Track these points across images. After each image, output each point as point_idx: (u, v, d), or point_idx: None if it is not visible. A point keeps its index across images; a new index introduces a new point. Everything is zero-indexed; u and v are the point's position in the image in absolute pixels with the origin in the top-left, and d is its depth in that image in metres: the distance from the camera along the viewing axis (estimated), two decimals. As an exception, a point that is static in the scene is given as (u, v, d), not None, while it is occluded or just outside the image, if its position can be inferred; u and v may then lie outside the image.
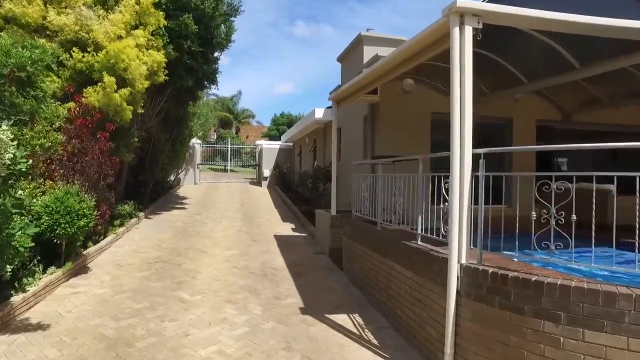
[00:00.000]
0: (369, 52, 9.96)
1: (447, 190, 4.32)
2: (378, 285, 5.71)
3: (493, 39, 5.48)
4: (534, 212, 3.70)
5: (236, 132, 43.37)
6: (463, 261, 3.78)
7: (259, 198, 18.10)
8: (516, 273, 3.35)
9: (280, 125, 49.85)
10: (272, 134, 46.43)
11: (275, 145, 24.31)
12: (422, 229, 4.88)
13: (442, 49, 4.38)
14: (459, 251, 3.78)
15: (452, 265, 3.77)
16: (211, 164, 28.13)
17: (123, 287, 6.02)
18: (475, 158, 3.97)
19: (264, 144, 24.60)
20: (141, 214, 11.28)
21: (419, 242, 4.84)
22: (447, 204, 4.31)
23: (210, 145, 28.18)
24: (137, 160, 12.17)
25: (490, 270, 3.50)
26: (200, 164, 23.37)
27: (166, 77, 9.15)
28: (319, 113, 13.70)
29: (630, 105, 10.04)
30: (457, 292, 3.77)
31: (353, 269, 6.85)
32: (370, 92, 8.58)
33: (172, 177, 18.88)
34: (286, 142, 24.07)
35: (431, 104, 9.23)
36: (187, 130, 16.49)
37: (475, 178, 3.96)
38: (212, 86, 12.11)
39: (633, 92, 9.08)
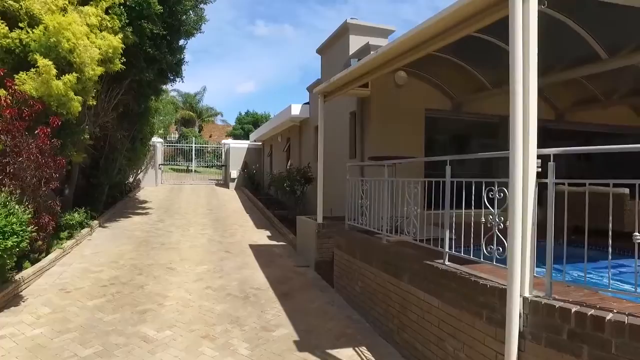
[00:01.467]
0: (355, 41, 9.04)
1: (490, 200, 3.46)
2: (388, 311, 4.77)
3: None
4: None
5: (199, 130, 41.45)
6: (527, 294, 2.90)
7: (228, 201, 16.81)
8: (617, 315, 2.49)
9: (245, 124, 48.31)
10: (237, 133, 44.87)
11: (244, 144, 23.01)
12: (449, 245, 3.99)
13: (493, 19, 3.48)
14: (521, 280, 2.89)
15: (512, 299, 2.87)
16: (173, 164, 26.41)
17: (67, 323, 4.72)
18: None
19: (232, 143, 23.24)
20: (95, 223, 9.83)
21: (447, 263, 3.94)
22: (491, 217, 3.44)
23: (173, 145, 26.51)
24: (90, 161, 10.68)
25: (574, 309, 2.63)
26: (162, 164, 21.71)
27: (124, 66, 7.82)
28: (296, 110, 12.67)
29: (623, 105, 9.70)
30: (520, 333, 2.89)
31: (350, 288, 5.88)
32: (361, 85, 7.70)
33: (131, 179, 17.23)
34: (255, 141, 22.82)
35: (425, 99, 8.46)
36: (148, 127, 14.98)
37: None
38: (176, 79, 10.78)
39: (630, 91, 8.69)
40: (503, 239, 3.26)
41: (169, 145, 27.11)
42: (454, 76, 8.27)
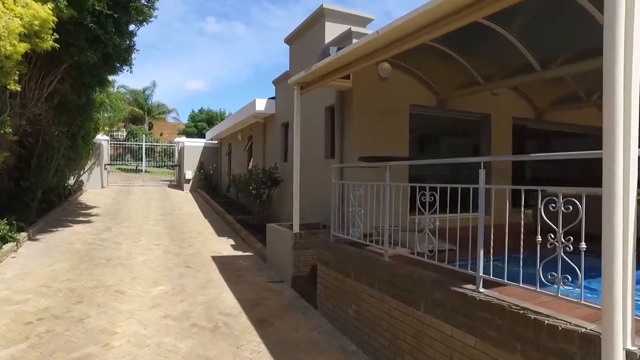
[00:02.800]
0: (332, 29, 8.17)
1: (549, 214, 2.70)
2: (395, 343, 3.93)
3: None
4: None
5: (149, 128, 38.97)
6: (630, 345, 2.14)
7: (184, 205, 15.39)
8: None
9: (199, 121, 46.26)
10: (191, 131, 42.80)
11: (199, 143, 21.49)
12: (483, 268, 3.20)
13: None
14: (623, 327, 2.13)
15: (612, 353, 2.10)
16: (121, 164, 24.33)
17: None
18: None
19: (186, 141, 21.64)
20: (22, 235, 8.27)
21: (482, 290, 3.15)
22: (552, 236, 2.67)
23: (120, 143, 24.43)
24: (17, 161, 9.05)
25: None
26: (108, 164, 19.76)
27: (57, 44, 6.44)
28: (260, 105, 11.61)
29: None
30: (619, 400, 2.12)
31: (341, 312, 4.99)
32: (342, 77, 6.84)
33: (72, 181, 15.36)
34: (212, 139, 21.38)
35: (409, 94, 7.74)
36: (92, 123, 13.30)
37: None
38: (124, 67, 9.37)
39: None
40: (575, 266, 2.51)
41: (117, 144, 24.96)
42: (441, 69, 7.61)
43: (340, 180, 5.88)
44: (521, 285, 2.91)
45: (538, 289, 2.79)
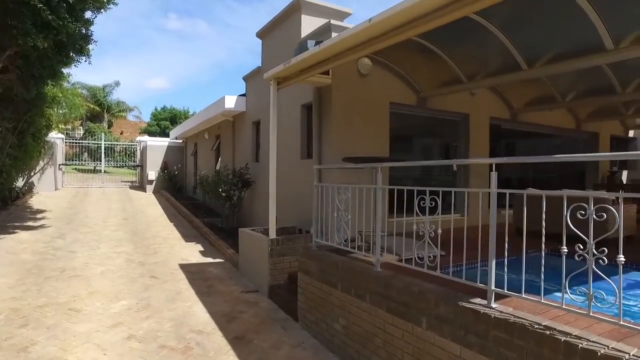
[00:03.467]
0: (308, 22, 7.75)
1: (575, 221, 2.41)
2: (392, 363, 3.56)
3: None
4: None
5: (109, 126, 37.10)
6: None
7: (147, 207, 14.52)
8: None
9: (162, 120, 44.65)
10: (153, 130, 41.21)
11: (163, 142, 20.49)
12: (493, 281, 2.88)
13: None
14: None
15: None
16: (78, 164, 22.90)
17: None
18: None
19: (149, 140, 20.58)
20: (-39, 244, 7.35)
21: (495, 306, 2.83)
22: (580, 247, 2.37)
23: (77, 142, 23.02)
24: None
25: None
26: (63, 164, 18.45)
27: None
28: (230, 102, 11.01)
29: (581, 105, 9.58)
30: None
31: (326, 326, 4.58)
32: (321, 72, 6.47)
33: (20, 183, 14.14)
34: (177, 138, 20.44)
35: (390, 92, 7.45)
36: (44, 119, 12.24)
37: None
38: (81, 58, 8.55)
39: (587, 91, 8.51)
40: (609, 280, 2.22)
41: (73, 142, 23.47)
42: (423, 67, 7.35)
43: (320, 182, 5.47)
44: (543, 300, 2.60)
45: (564, 305, 2.48)
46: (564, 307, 2.49)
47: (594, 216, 2.34)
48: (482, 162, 3.84)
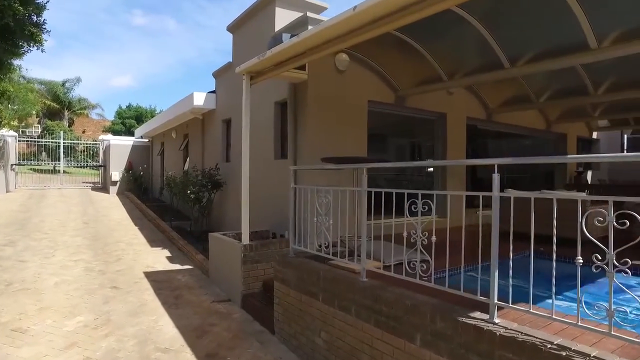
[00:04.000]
0: (282, 16, 7.37)
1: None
2: (380, 383, 3.26)
3: None
4: None
5: (69, 124, 35.31)
6: None
7: (110, 210, 13.71)
8: None
9: (127, 118, 43.07)
10: (118, 129, 39.66)
11: (128, 141, 19.54)
12: (495, 294, 2.62)
13: None
14: None
15: None
16: (34, 164, 21.55)
17: None
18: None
19: (112, 139, 19.58)
20: None
21: (498, 321, 2.57)
22: (598, 257, 2.13)
23: (34, 140, 21.67)
24: None
25: None
26: (16, 164, 17.24)
27: None
28: (199, 99, 10.47)
29: (557, 105, 9.62)
30: None
31: (306, 339, 4.23)
32: (297, 67, 6.14)
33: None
34: (142, 137, 19.53)
35: (368, 89, 7.19)
36: (-8, 116, 11.28)
37: None
38: (32, 46, 7.82)
39: (563, 91, 8.55)
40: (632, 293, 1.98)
41: (29, 141, 22.08)
42: (402, 64, 7.13)
43: (297, 184, 5.10)
44: (554, 316, 2.35)
45: (579, 322, 2.24)
46: (579, 324, 2.24)
47: (615, 223, 2.10)
48: (484, 164, 3.56)
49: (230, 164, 9.59)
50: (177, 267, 7.62)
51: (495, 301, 2.61)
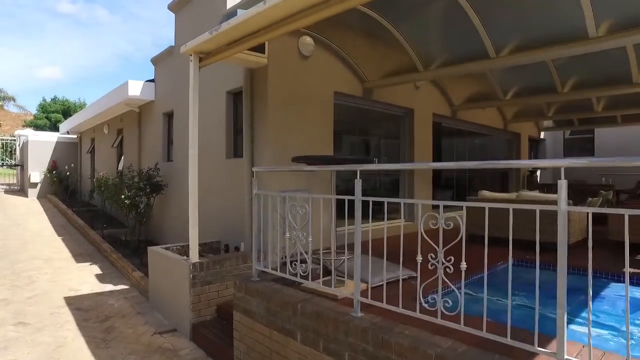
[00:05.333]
0: (235, -9, 6.34)
1: None
2: None
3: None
4: None
5: (-19, 118, 31.25)
6: None
7: (27, 217, 11.79)
8: None
9: (52, 112, 39.27)
10: (41, 124, 36.04)
11: (51, 137, 17.28)
12: (565, 347, 1.89)
13: None
14: None
15: None
16: None
17: None
18: None
19: (32, 135, 17.20)
20: None
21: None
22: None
23: None
24: None
25: None
26: None
27: None
28: (135, 88, 9.09)
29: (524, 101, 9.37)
30: None
31: (278, 388, 3.32)
32: (255, 49, 5.23)
33: None
34: (69, 133, 17.35)
35: (334, 79, 6.40)
36: None
37: None
38: None
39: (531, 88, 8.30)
40: None
41: None
42: (370, 51, 6.41)
43: (259, 189, 4.14)
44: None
45: None
46: None
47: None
48: (541, 165, 2.85)
49: (173, 163, 8.37)
50: (109, 287, 6.34)
51: (566, 357, 1.88)
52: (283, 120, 5.59)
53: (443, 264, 2.37)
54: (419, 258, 2.51)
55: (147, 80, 9.17)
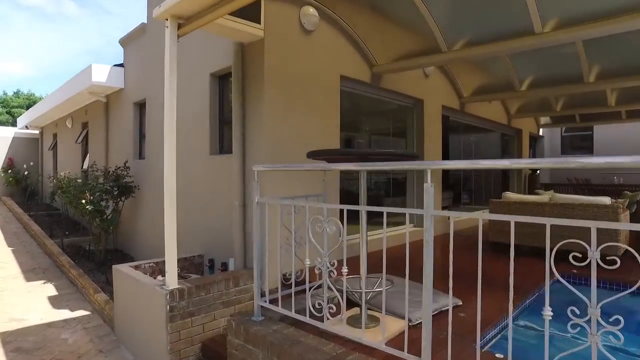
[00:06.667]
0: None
1: None
2: None
3: None
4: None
5: None
6: None
7: (-26, 224, 10.28)
8: None
9: (14, 107, 36.88)
10: (2, 120, 33.65)
11: (7, 133, 15.63)
12: None
13: None
14: None
15: None
16: None
17: None
18: None
19: (-16, 130, 15.53)
20: None
21: None
22: None
23: None
24: None
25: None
26: None
27: None
28: (100, 74, 7.82)
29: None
30: None
31: None
32: (247, 17, 4.18)
33: None
34: (28, 127, 15.71)
35: (340, 61, 5.37)
36: None
37: None
38: None
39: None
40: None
41: None
42: (381, 27, 5.40)
43: (256, 194, 3.05)
44: None
45: None
46: None
47: None
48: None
49: (145, 161, 7.18)
50: (65, 314, 5.14)
51: None
52: (282, 108, 4.53)
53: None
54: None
55: (115, 65, 7.91)
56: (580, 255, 1.50)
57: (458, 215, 2.01)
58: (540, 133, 14.18)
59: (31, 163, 14.71)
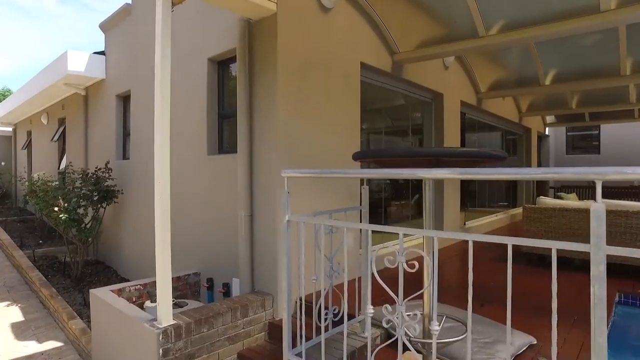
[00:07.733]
0: None
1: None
2: None
3: None
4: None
5: None
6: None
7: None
8: None
9: (-9, 104, 34.91)
10: (-23, 117, 31.75)
11: (-22, 130, 14.45)
12: None
13: None
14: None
15: None
16: None
17: None
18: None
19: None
20: None
21: None
22: None
23: None
24: None
25: None
26: None
27: None
28: (77, 62, 6.89)
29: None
30: None
31: None
32: None
33: None
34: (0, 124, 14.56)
35: (360, 47, 4.60)
36: None
37: None
38: None
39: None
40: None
41: None
42: (405, 9, 4.65)
43: (287, 210, 2.25)
44: None
45: None
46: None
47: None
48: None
49: (130, 162, 6.31)
50: (32, 348, 4.26)
51: None
52: (297, 99, 3.74)
53: None
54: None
55: (94, 52, 6.99)
56: None
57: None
58: (546, 132, 13.70)
59: (3, 163, 13.57)
